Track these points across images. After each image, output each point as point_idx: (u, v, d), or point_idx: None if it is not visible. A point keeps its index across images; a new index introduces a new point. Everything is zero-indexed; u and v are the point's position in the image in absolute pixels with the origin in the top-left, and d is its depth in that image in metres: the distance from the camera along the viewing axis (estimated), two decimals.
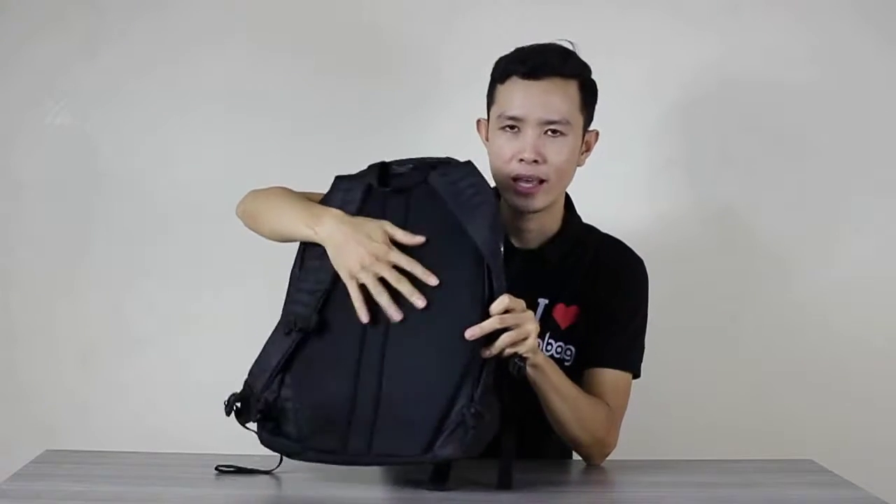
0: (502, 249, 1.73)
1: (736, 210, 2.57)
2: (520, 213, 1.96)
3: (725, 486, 1.82)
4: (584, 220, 2.06)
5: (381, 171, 1.83)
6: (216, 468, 1.81)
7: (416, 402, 1.69)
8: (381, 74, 2.58)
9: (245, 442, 1.78)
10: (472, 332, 1.67)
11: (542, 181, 1.91)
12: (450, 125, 2.43)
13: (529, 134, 1.90)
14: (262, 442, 1.75)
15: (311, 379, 1.74)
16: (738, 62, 2.55)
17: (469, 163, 1.81)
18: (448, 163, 1.82)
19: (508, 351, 1.70)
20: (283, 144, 2.58)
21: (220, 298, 2.59)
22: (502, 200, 1.96)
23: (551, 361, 1.85)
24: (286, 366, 1.74)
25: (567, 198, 2.03)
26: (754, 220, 2.57)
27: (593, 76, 1.97)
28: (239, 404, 1.75)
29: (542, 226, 1.99)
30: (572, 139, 1.92)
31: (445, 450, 1.67)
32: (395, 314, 1.70)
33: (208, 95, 2.59)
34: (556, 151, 1.91)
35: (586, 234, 2.04)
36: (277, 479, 1.79)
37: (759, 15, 2.54)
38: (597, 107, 1.99)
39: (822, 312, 2.57)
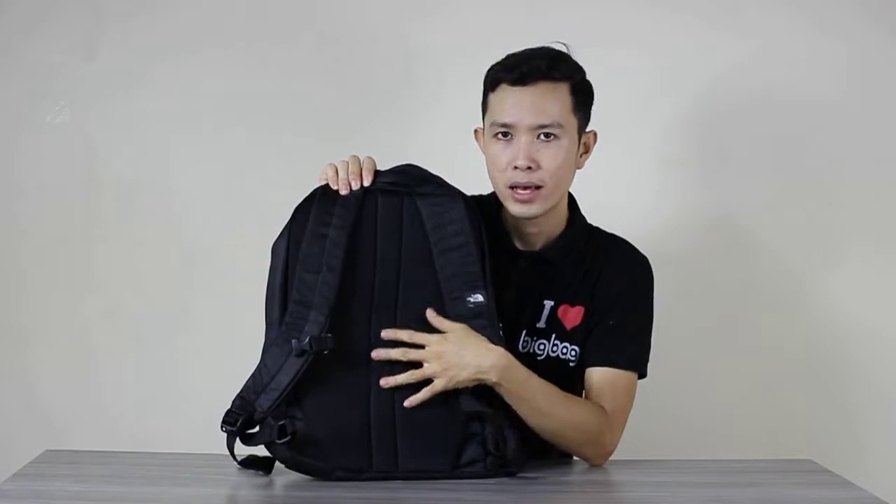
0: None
1: (737, 211, 2.57)
2: (521, 218, 1.97)
3: (725, 486, 1.82)
4: (587, 219, 2.06)
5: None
6: (239, 463, 1.80)
7: (434, 422, 1.76)
8: (382, 76, 2.58)
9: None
10: (377, 354, 1.78)
11: (538, 187, 1.91)
12: (452, 126, 2.42)
13: (522, 141, 1.90)
14: (287, 464, 1.76)
15: (325, 402, 1.76)
16: (746, 65, 2.54)
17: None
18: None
19: (420, 396, 1.77)
20: (282, 144, 2.58)
21: (220, 298, 2.59)
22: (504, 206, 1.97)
23: (522, 377, 1.83)
24: (297, 387, 1.74)
25: (571, 199, 2.03)
26: (755, 221, 2.56)
27: (597, 75, 1.97)
28: (250, 430, 1.76)
29: (545, 228, 1.99)
30: (566, 142, 1.91)
31: (474, 467, 1.77)
32: None
33: (208, 95, 2.59)
34: (551, 156, 1.90)
35: (590, 234, 2.04)
36: (277, 479, 1.79)
37: (764, 16, 2.53)
38: (599, 107, 1.99)
39: (821, 313, 2.56)
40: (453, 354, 1.78)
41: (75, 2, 2.60)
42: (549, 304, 1.98)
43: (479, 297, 1.81)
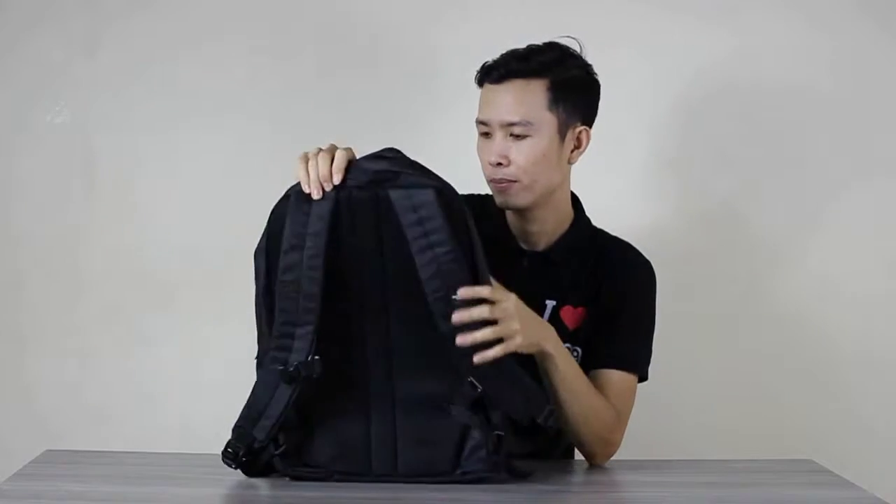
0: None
1: (736, 210, 2.57)
2: (522, 215, 1.97)
3: (725, 486, 1.82)
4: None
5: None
6: (249, 475, 1.78)
7: (434, 427, 1.74)
8: (383, 75, 2.58)
9: None
10: (459, 317, 1.68)
11: (512, 181, 1.92)
12: (453, 126, 2.42)
13: (497, 138, 1.93)
14: (285, 473, 1.76)
15: (322, 414, 1.74)
16: (740, 62, 2.54)
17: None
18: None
19: (495, 352, 1.70)
20: (282, 144, 2.56)
21: (220, 298, 2.59)
22: None
23: (567, 354, 1.86)
24: (294, 402, 1.72)
25: (575, 199, 2.03)
26: (754, 220, 2.57)
27: (594, 72, 1.97)
28: (245, 458, 1.74)
29: (547, 227, 1.99)
30: (540, 139, 1.91)
31: (476, 466, 1.74)
32: None
33: (208, 95, 2.59)
34: (521, 153, 1.91)
35: (594, 235, 2.04)
36: (277, 479, 1.78)
37: (762, 14, 2.54)
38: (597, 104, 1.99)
39: (821, 313, 2.56)
40: (525, 316, 1.76)
41: (75, 1, 2.60)
42: (551, 303, 1.98)
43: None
